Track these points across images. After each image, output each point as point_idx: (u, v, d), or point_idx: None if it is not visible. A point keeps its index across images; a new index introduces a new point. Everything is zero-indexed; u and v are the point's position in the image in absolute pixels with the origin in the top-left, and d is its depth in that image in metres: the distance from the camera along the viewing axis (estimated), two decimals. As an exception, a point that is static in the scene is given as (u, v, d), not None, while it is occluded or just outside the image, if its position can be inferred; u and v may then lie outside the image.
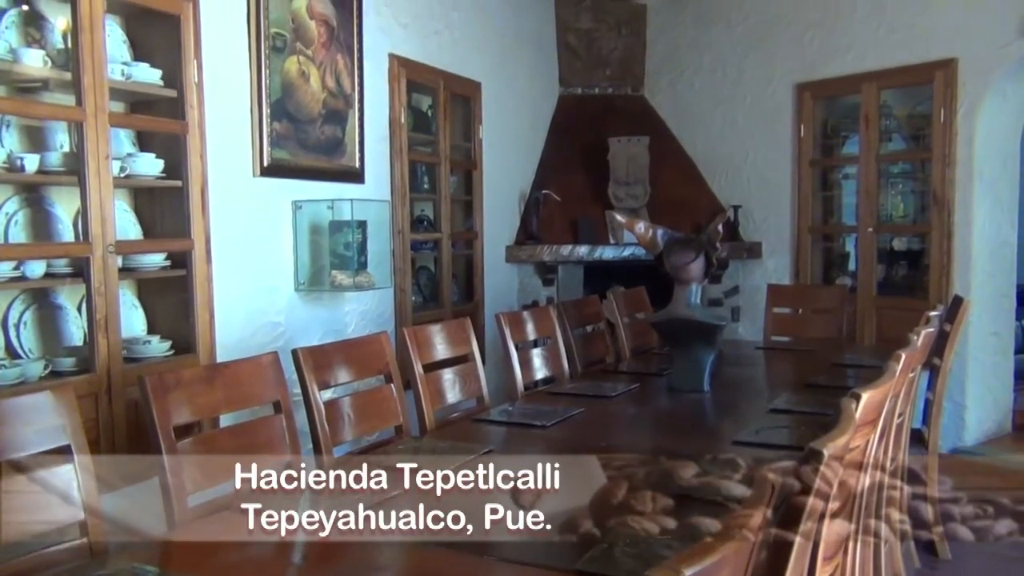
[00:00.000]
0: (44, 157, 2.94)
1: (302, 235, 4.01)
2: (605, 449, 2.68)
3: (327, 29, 4.11)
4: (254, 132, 3.72)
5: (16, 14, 2.96)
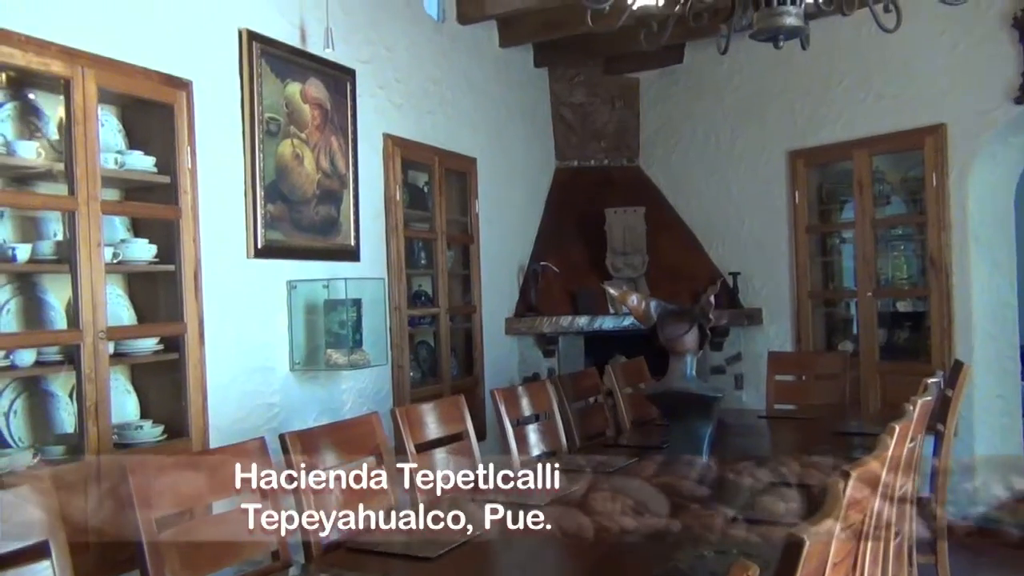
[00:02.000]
0: (36, 246, 2.97)
1: (297, 315, 4.02)
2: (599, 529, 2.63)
3: (321, 112, 4.19)
4: (248, 214, 3.76)
5: (13, 107, 3.03)
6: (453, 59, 5.38)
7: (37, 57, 2.85)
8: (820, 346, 5.89)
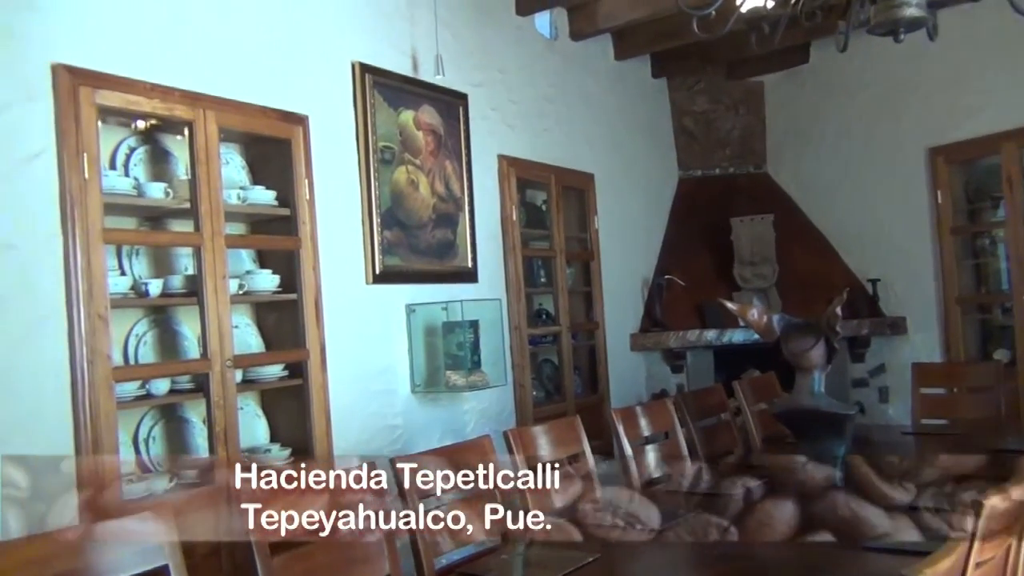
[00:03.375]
0: (168, 280, 3.14)
1: (417, 337, 4.08)
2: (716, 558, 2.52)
3: (434, 137, 4.26)
4: (366, 241, 3.86)
5: (144, 151, 3.23)
6: (567, 76, 5.36)
7: (162, 103, 3.03)
8: (973, 355, 5.46)
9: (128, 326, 3.16)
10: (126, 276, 3.09)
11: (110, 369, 2.83)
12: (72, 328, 2.75)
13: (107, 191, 2.89)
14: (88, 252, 2.78)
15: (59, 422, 2.72)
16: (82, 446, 2.77)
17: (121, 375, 2.92)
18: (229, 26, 3.33)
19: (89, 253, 2.78)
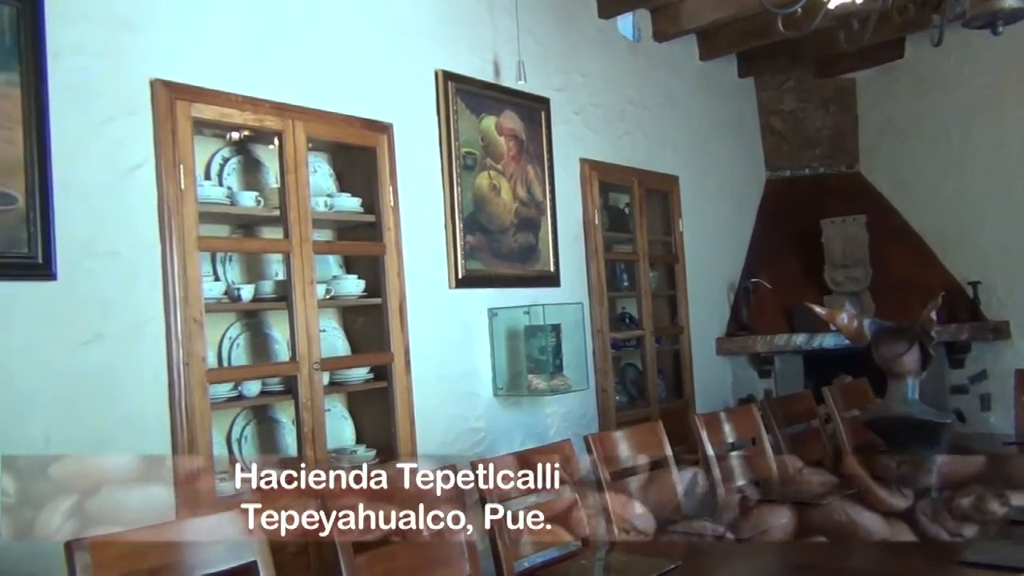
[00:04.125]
0: (259, 286, 3.25)
1: (499, 341, 4.11)
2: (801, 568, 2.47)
3: (516, 143, 4.28)
4: (448, 247, 3.91)
5: (237, 161, 3.36)
6: (651, 78, 5.32)
7: (253, 115, 3.14)
8: (1086, 362, 5.17)
9: (222, 329, 3.28)
10: (220, 282, 3.22)
11: (205, 371, 2.95)
12: (169, 331, 2.87)
13: (202, 200, 3.01)
14: (184, 259, 2.90)
15: (158, 421, 2.85)
16: (179, 444, 2.89)
17: (215, 377, 3.04)
18: (317, 39, 3.43)
19: (185, 260, 2.90)
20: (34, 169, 2.55)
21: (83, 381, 2.67)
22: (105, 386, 2.72)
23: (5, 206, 2.48)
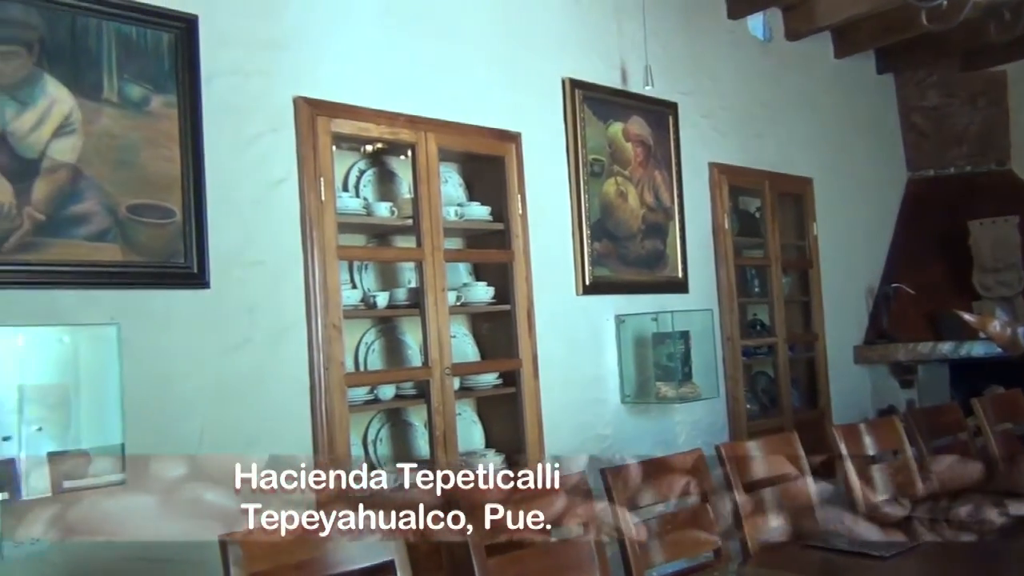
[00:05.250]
0: (393, 293, 3.36)
1: (626, 348, 4.09)
2: None
3: (643, 148, 4.26)
4: (576, 254, 3.92)
5: (372, 173, 3.48)
6: (783, 78, 5.17)
7: (388, 128, 3.26)
8: None
9: (358, 335, 3.41)
10: (356, 289, 3.34)
11: (343, 375, 3.07)
12: (311, 337, 3.01)
13: (340, 211, 3.14)
14: (324, 268, 3.03)
15: (300, 422, 2.99)
16: (319, 444, 3.02)
17: (353, 381, 3.16)
18: (449, 53, 3.52)
19: (325, 268, 3.03)
20: (190, 185, 2.73)
21: (233, 383, 2.83)
22: (253, 388, 2.87)
23: (165, 220, 2.67)
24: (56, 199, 2.46)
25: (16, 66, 2.42)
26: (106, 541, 2.34)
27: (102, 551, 2.45)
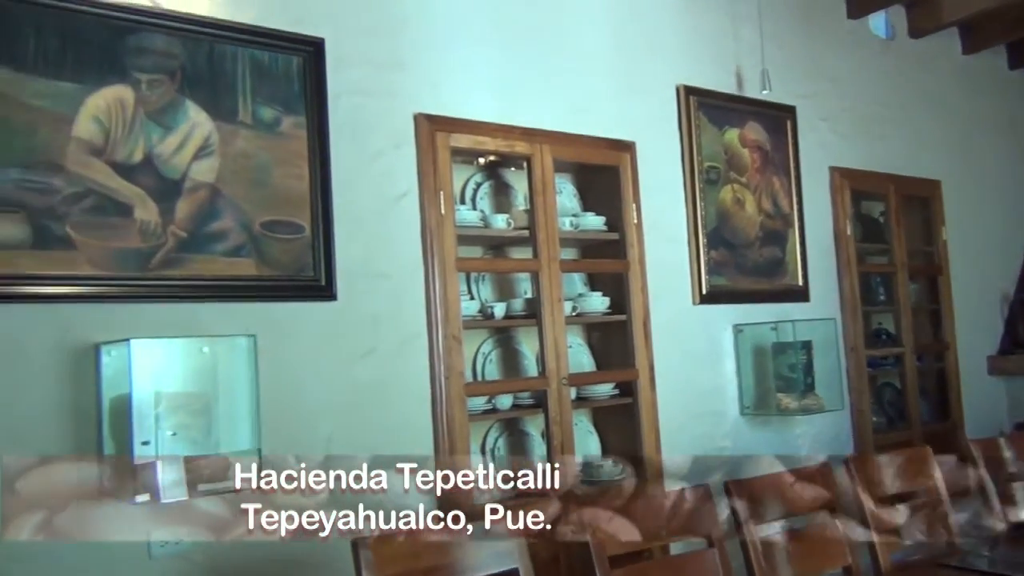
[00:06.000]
0: (510, 304, 3.40)
1: (745, 358, 4.01)
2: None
3: (760, 154, 4.17)
4: (692, 263, 3.88)
5: (489, 186, 3.54)
6: (907, 77, 4.98)
7: (504, 141, 3.30)
8: None
9: (476, 345, 3.46)
10: (474, 300, 3.40)
11: (463, 385, 3.12)
12: (432, 347, 3.08)
13: (459, 224, 3.21)
14: (444, 279, 3.10)
15: (422, 431, 3.05)
16: (440, 452, 3.08)
17: (472, 390, 3.21)
18: (564, 65, 3.55)
19: (445, 280, 3.10)
20: (317, 201, 2.84)
21: (358, 392, 2.92)
22: (377, 396, 2.96)
23: (295, 235, 2.78)
24: (197, 217, 2.61)
25: (161, 93, 2.58)
26: (240, 542, 2.44)
27: (237, 551, 2.57)
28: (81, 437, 2.39)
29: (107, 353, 2.40)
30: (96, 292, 2.43)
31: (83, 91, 2.45)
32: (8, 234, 2.30)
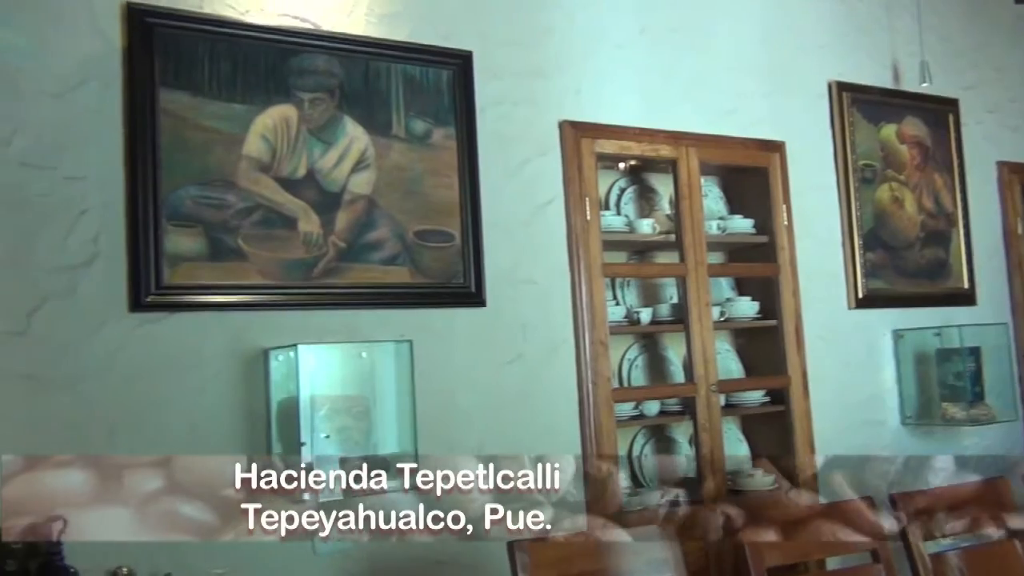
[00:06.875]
0: (656, 309, 3.37)
1: (906, 366, 3.82)
2: None
3: (920, 150, 3.97)
4: (847, 265, 3.73)
5: (633, 191, 3.52)
6: (1084, 62, 4.61)
7: (649, 145, 3.28)
8: None
9: (621, 351, 3.44)
10: (620, 306, 3.39)
11: (610, 390, 3.12)
12: (579, 353, 3.09)
13: (604, 229, 3.20)
14: (591, 285, 3.11)
15: (569, 436, 3.06)
16: (588, 459, 3.08)
17: (619, 396, 3.19)
18: (709, 67, 3.49)
19: (592, 286, 3.11)
20: (467, 210, 2.91)
21: (507, 397, 2.96)
22: (525, 402, 2.99)
23: (446, 243, 2.86)
24: (355, 228, 2.72)
25: (322, 110, 2.71)
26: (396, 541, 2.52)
27: (396, 549, 2.65)
28: (253, 437, 2.53)
29: (275, 358, 2.54)
30: (265, 300, 2.58)
31: (252, 111, 2.60)
32: (188, 247, 2.48)
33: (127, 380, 2.38)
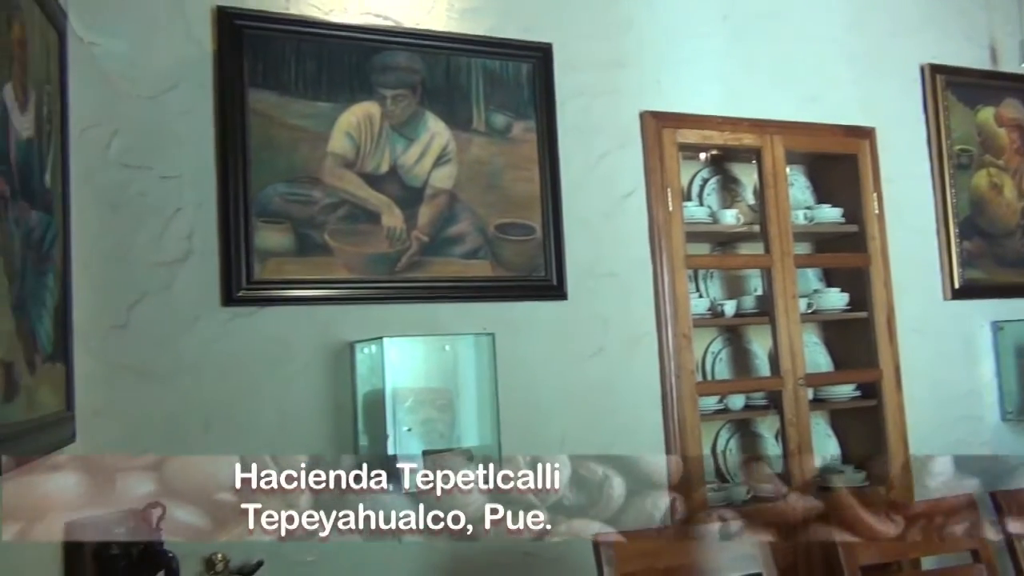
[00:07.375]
0: (740, 301, 3.31)
1: (1007, 359, 3.65)
2: None
3: (1020, 134, 3.79)
4: (942, 254, 3.59)
5: (716, 181, 3.46)
6: None
7: (732, 134, 3.22)
8: None
9: (705, 344, 3.39)
10: (703, 298, 3.34)
11: (694, 384, 3.07)
12: (662, 346, 3.05)
13: (686, 220, 3.16)
14: (673, 277, 3.07)
15: (653, 430, 3.04)
16: (671, 452, 3.05)
17: (703, 389, 3.15)
18: (791, 51, 3.40)
19: (674, 278, 3.07)
20: (548, 203, 2.90)
21: (589, 390, 2.95)
22: (607, 395, 2.97)
23: (527, 236, 2.86)
24: (437, 222, 2.75)
25: (404, 106, 2.74)
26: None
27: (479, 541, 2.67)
28: (340, 429, 2.58)
29: (360, 351, 2.59)
30: (350, 294, 2.63)
31: (337, 109, 2.65)
32: (277, 243, 2.54)
33: (221, 372, 2.46)
